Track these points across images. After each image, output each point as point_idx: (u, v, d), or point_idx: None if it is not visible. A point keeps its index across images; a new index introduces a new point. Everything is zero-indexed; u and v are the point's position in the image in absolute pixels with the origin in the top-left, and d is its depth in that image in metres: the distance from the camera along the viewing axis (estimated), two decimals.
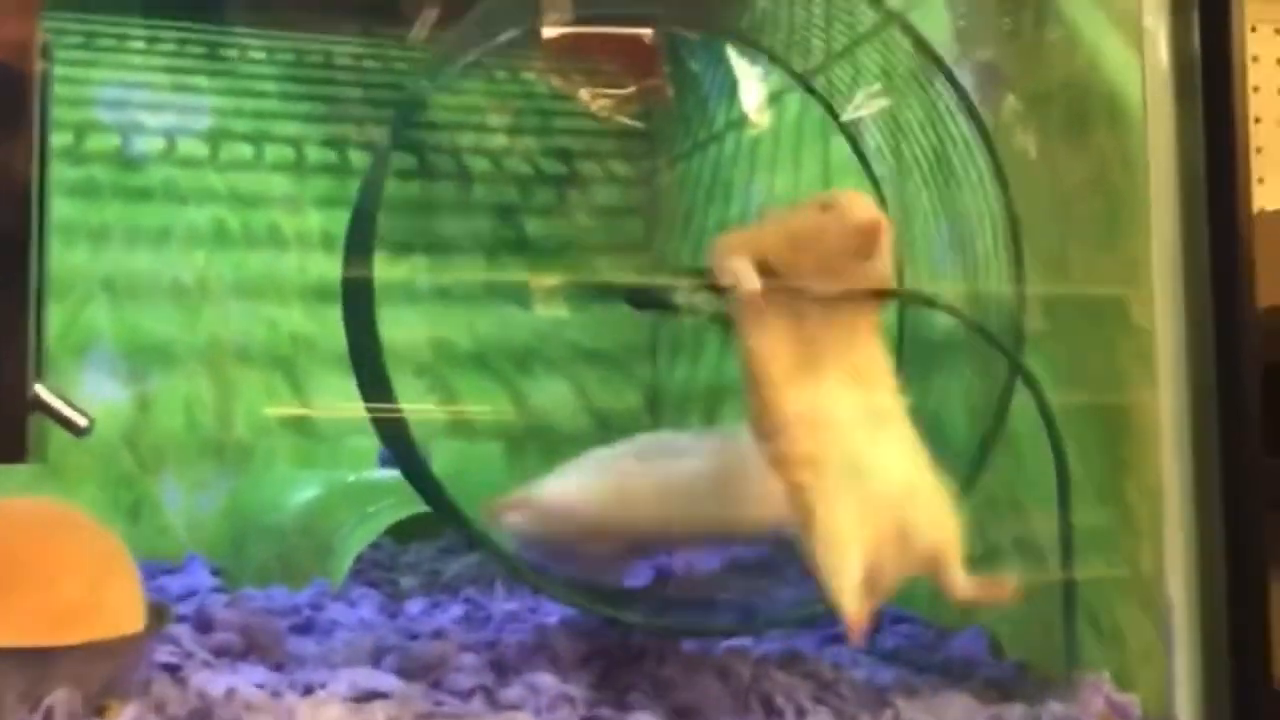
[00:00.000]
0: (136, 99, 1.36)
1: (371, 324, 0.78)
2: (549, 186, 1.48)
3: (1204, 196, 0.83)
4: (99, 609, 0.69)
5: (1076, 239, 0.90)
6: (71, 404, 0.77)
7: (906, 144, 0.94)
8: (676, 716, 0.76)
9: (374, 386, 0.80)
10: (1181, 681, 0.81)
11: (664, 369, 1.49)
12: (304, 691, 0.75)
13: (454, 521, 0.83)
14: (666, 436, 0.98)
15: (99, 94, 1.35)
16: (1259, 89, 1.05)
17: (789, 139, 1.21)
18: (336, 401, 1.33)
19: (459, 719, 0.73)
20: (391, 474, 1.11)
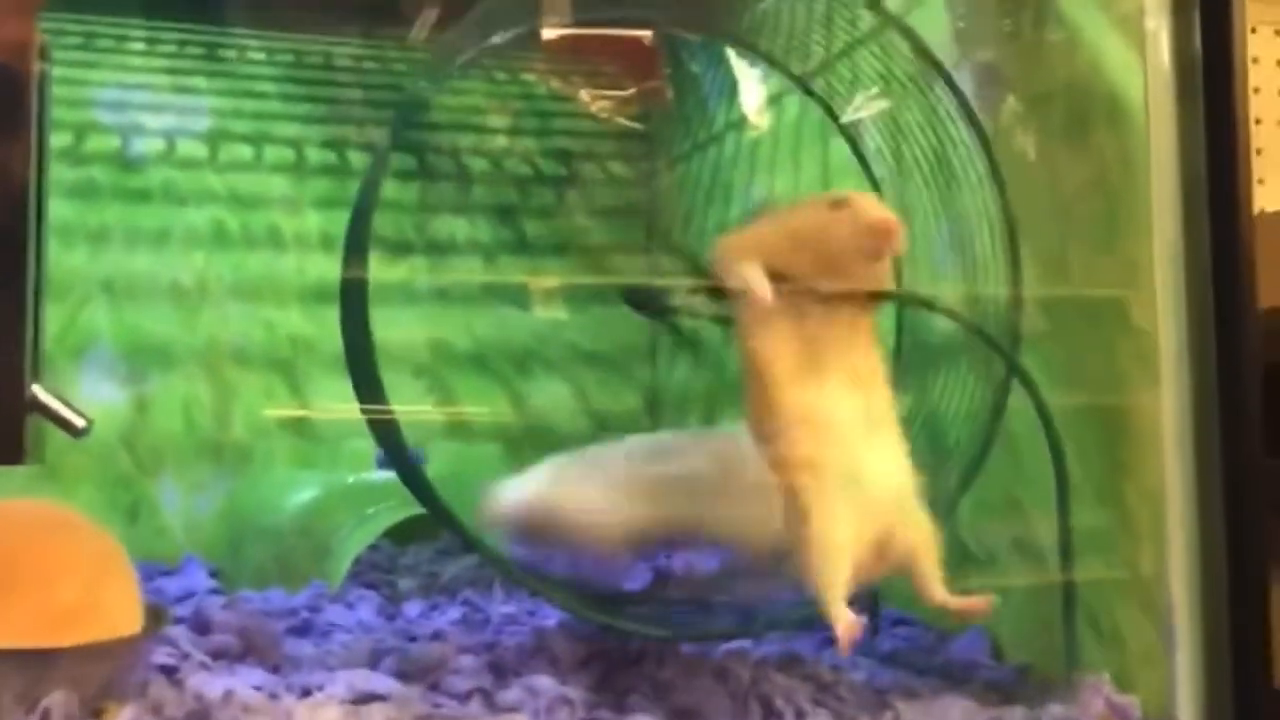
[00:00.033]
0: (136, 100, 1.36)
1: (365, 324, 0.78)
2: (548, 188, 1.48)
3: (1205, 198, 0.83)
4: (96, 611, 0.69)
5: (1077, 240, 0.90)
6: (70, 405, 0.77)
7: (906, 146, 0.93)
8: (676, 719, 0.76)
9: (366, 388, 0.80)
10: (1182, 683, 0.81)
11: (663, 370, 1.49)
12: (301, 694, 0.74)
13: (450, 525, 0.83)
14: (661, 437, 0.97)
15: (98, 95, 1.34)
16: (1259, 90, 1.05)
17: (788, 141, 1.21)
18: (335, 403, 1.33)
19: None
20: (390, 476, 1.11)
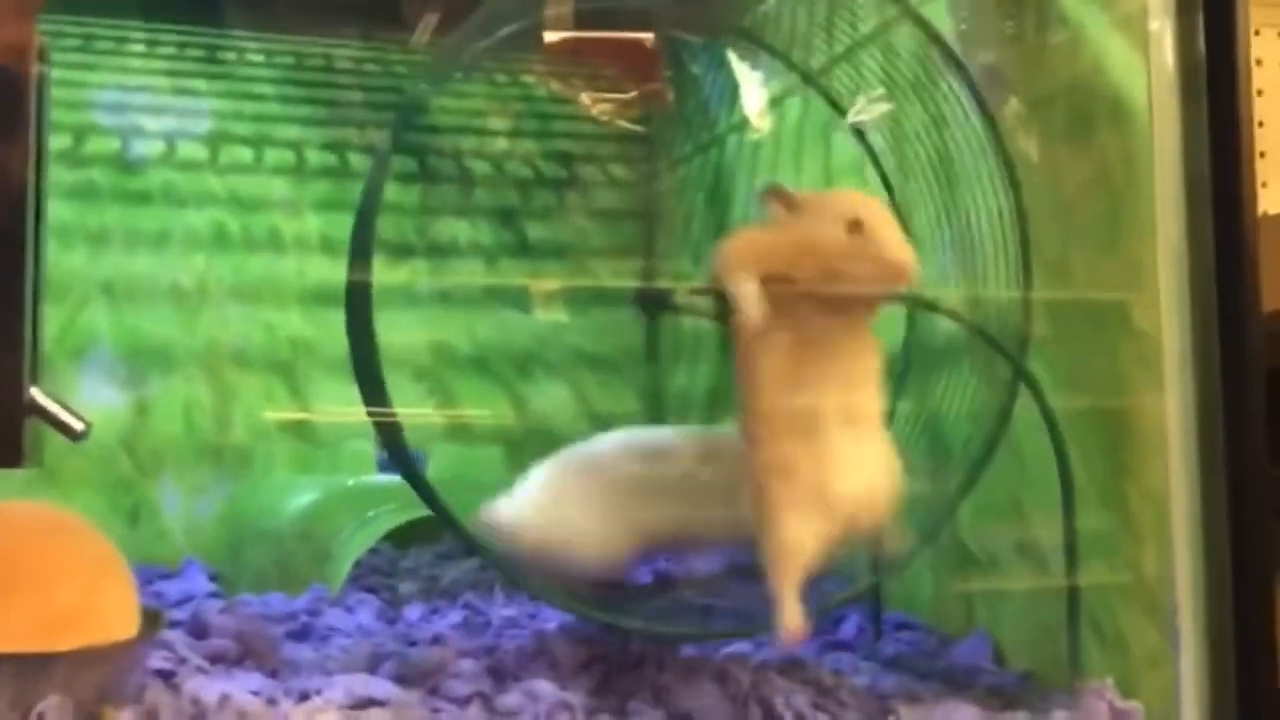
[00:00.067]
0: (135, 102, 1.36)
1: (368, 327, 0.78)
2: (549, 190, 1.48)
3: (1208, 200, 0.82)
4: (92, 615, 0.69)
5: (1080, 242, 0.89)
6: (68, 408, 0.76)
7: (910, 146, 0.93)
8: None
9: (370, 390, 0.80)
10: (1186, 688, 0.81)
11: (664, 373, 1.49)
12: (299, 698, 0.74)
13: (453, 528, 0.82)
14: (652, 434, 0.96)
15: (98, 97, 1.34)
16: (1263, 93, 1.05)
17: (790, 142, 1.21)
18: (335, 406, 1.32)
19: None
20: (390, 479, 1.10)
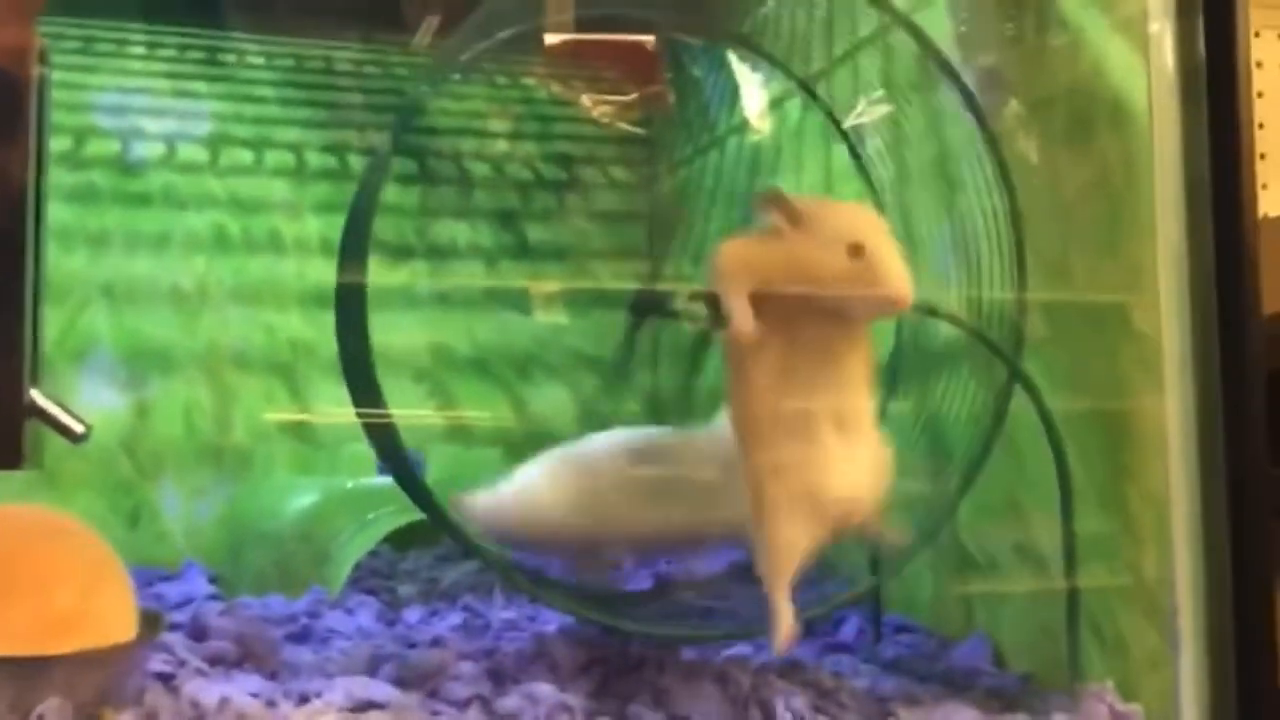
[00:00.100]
0: (136, 104, 1.36)
1: (364, 330, 0.78)
2: (549, 192, 1.48)
3: (1208, 202, 0.82)
4: (90, 617, 0.69)
5: (1080, 244, 0.89)
6: (69, 410, 0.76)
7: (908, 148, 0.93)
8: None
9: (363, 394, 0.80)
10: (1186, 690, 0.81)
11: (665, 375, 1.49)
12: (299, 701, 0.74)
13: (448, 530, 0.82)
14: (642, 432, 0.96)
15: (98, 99, 1.34)
16: (1263, 95, 1.05)
17: (790, 144, 1.21)
18: (335, 407, 1.32)
19: None
20: (390, 481, 1.10)
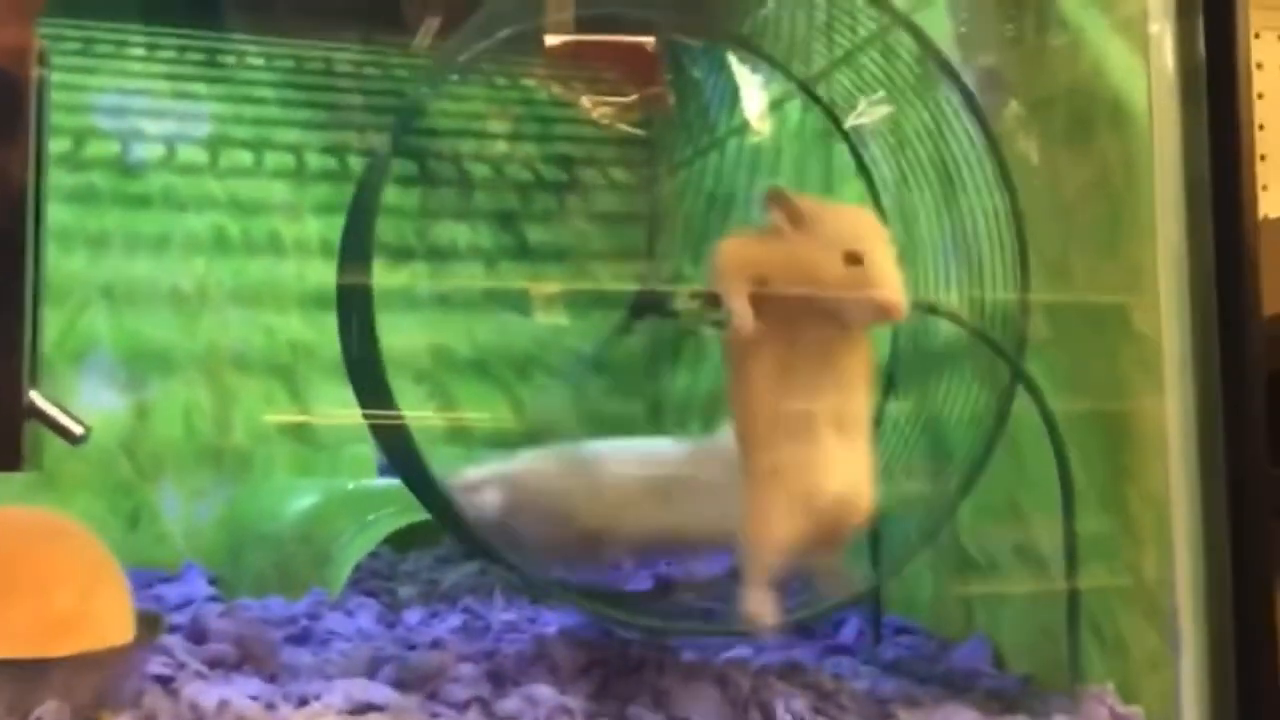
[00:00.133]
0: (136, 105, 1.36)
1: (372, 331, 0.77)
2: (550, 193, 1.48)
3: (1208, 203, 0.82)
4: (88, 620, 0.69)
5: (1080, 245, 0.89)
6: (68, 412, 0.76)
7: (910, 149, 0.93)
8: None
9: (374, 394, 0.80)
10: (1186, 691, 0.80)
11: (665, 377, 1.49)
12: (299, 703, 0.74)
13: (456, 530, 0.82)
14: (648, 442, 0.97)
15: (98, 100, 1.34)
16: (1263, 96, 1.04)
17: (791, 145, 1.21)
18: (335, 409, 1.32)
19: None
20: (391, 482, 1.10)
